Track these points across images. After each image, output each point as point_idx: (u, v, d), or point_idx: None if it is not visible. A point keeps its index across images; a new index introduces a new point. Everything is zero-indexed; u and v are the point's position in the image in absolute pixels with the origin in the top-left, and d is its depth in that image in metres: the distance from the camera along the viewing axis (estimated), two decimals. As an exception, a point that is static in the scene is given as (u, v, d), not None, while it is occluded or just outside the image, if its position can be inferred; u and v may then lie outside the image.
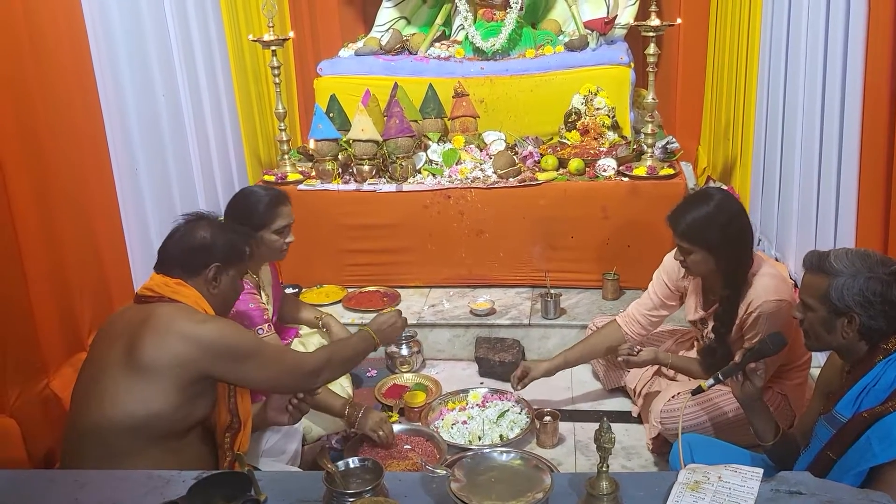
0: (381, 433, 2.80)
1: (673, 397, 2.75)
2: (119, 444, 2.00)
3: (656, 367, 3.03)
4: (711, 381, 2.22)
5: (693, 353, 2.97)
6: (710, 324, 2.74)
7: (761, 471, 1.72)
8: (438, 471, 1.70)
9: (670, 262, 2.89)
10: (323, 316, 3.23)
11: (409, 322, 3.58)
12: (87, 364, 2.16)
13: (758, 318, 2.56)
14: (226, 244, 2.24)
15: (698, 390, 2.28)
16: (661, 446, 2.85)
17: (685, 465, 1.80)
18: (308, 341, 3.12)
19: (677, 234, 2.61)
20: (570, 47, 4.42)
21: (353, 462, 1.78)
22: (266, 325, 2.81)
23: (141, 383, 2.00)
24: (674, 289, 2.93)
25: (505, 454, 1.78)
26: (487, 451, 1.82)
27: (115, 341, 2.08)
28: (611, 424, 1.67)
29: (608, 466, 1.64)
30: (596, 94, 4.18)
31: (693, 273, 2.71)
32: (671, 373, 3.01)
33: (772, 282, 2.60)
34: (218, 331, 2.08)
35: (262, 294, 2.92)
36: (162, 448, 2.03)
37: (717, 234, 2.54)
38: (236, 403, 2.21)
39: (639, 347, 2.92)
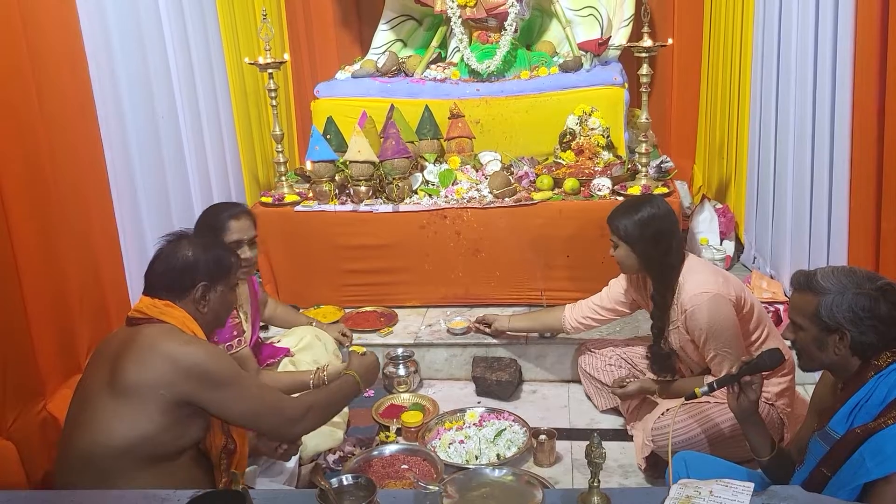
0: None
1: (663, 414, 2.76)
2: (110, 466, 1.99)
3: None
4: (705, 388, 2.26)
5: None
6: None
7: (752, 485, 1.73)
8: (431, 487, 1.70)
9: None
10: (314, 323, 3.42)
11: (406, 342, 3.67)
12: (78, 387, 2.16)
13: (692, 314, 2.70)
14: (209, 261, 2.21)
15: (692, 395, 2.32)
16: (654, 466, 2.85)
17: (678, 480, 1.81)
18: (300, 360, 3.12)
19: (609, 227, 2.88)
20: (565, 68, 4.47)
21: (346, 479, 1.78)
22: (236, 340, 2.76)
23: (126, 405, 1.99)
24: (627, 295, 3.13)
25: (497, 470, 1.79)
26: (480, 468, 1.83)
27: (102, 364, 2.08)
28: (602, 440, 1.68)
29: (599, 482, 1.65)
30: (590, 115, 4.21)
31: (622, 268, 2.93)
32: None
33: (697, 277, 2.76)
34: (200, 354, 2.04)
35: (240, 312, 2.90)
36: (154, 470, 2.02)
37: (637, 229, 2.79)
38: (229, 425, 2.20)
39: (628, 380, 2.97)
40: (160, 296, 2.16)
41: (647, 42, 3.74)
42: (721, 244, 4.26)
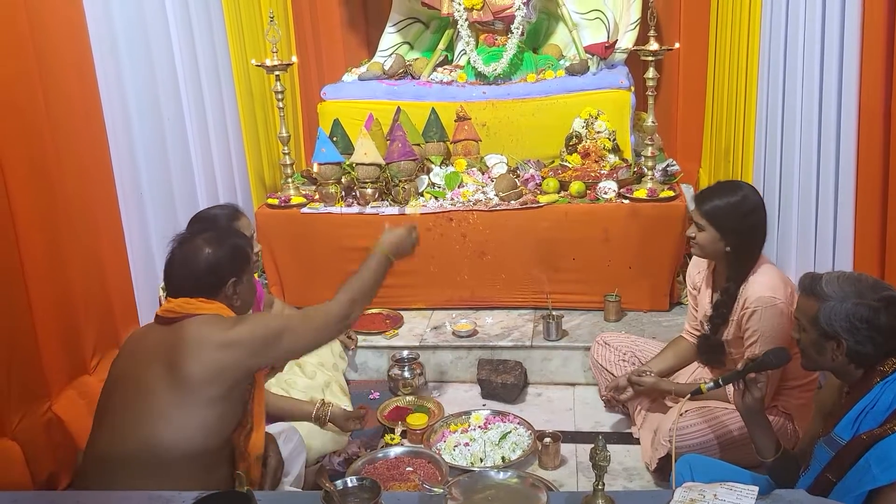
0: (352, 422, 2.98)
1: (680, 415, 2.75)
2: (169, 464, 2.00)
3: None
4: (711, 384, 2.26)
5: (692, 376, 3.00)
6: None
7: (756, 488, 1.73)
8: (436, 489, 1.70)
9: (690, 267, 3.02)
10: None
11: (412, 344, 3.66)
12: (120, 385, 2.13)
13: (752, 314, 2.63)
14: (231, 255, 2.23)
15: (697, 391, 2.33)
16: (662, 469, 2.84)
17: (682, 483, 1.81)
18: (305, 361, 3.13)
19: (699, 210, 2.71)
20: (571, 72, 4.47)
21: (351, 481, 1.78)
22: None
23: (190, 399, 2.03)
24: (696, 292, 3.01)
25: (502, 473, 1.79)
26: (485, 470, 1.83)
27: (151, 362, 2.09)
28: (606, 443, 1.68)
29: (604, 484, 1.65)
30: (597, 118, 4.21)
31: (698, 252, 2.79)
32: None
33: (769, 280, 2.67)
34: (249, 330, 2.11)
35: None
36: (202, 465, 2.04)
37: (734, 219, 2.65)
38: (252, 403, 2.24)
39: (648, 373, 2.95)
40: (191, 296, 2.17)
41: (653, 45, 3.74)
42: (727, 248, 4.25)
